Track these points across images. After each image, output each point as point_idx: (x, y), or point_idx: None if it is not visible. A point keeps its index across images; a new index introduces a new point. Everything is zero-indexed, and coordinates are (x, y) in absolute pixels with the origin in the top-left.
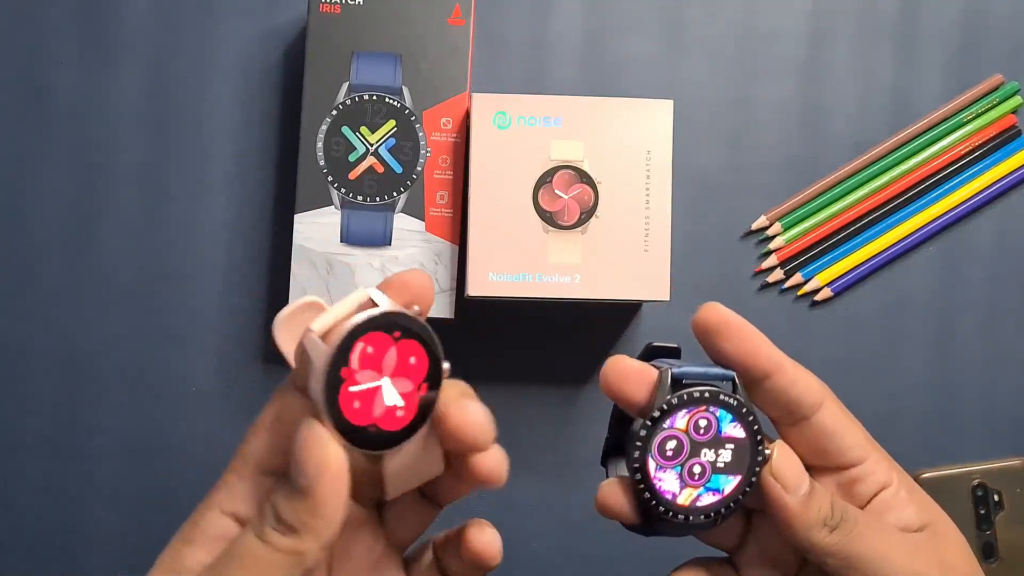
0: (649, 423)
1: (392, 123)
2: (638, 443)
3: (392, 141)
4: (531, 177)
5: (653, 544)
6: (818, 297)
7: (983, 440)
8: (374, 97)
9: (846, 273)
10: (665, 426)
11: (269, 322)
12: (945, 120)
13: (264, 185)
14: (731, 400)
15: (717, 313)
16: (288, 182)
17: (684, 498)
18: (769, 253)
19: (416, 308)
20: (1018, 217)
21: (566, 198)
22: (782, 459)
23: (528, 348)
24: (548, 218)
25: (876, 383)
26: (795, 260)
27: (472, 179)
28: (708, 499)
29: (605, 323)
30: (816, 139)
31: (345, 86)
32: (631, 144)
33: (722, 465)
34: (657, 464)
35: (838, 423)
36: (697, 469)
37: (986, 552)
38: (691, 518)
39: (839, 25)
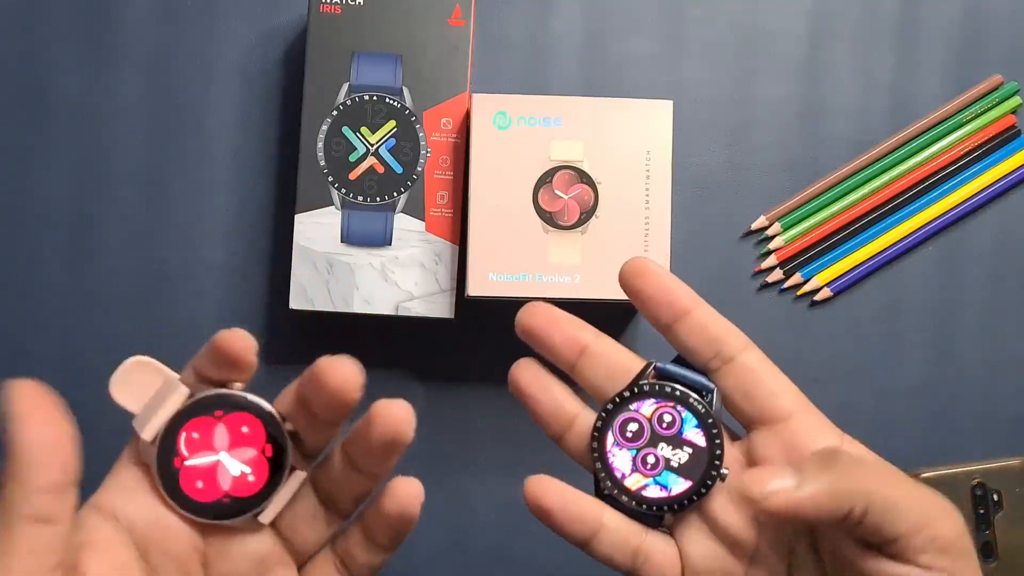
0: (617, 400)
1: (392, 123)
2: (603, 414)
3: (392, 141)
4: (531, 177)
5: None
6: (818, 297)
7: (982, 440)
8: (374, 97)
9: (845, 273)
10: (631, 408)
11: (271, 323)
12: (945, 120)
13: (264, 185)
14: (700, 407)
15: (638, 262)
16: (288, 182)
17: (632, 482)
18: (769, 253)
19: (238, 385)
20: (1018, 217)
21: (566, 198)
22: (752, 473)
23: (528, 348)
24: (548, 218)
25: (875, 383)
26: (794, 260)
27: (472, 179)
28: (654, 492)
29: (605, 323)
30: (816, 139)
31: (345, 86)
32: (631, 144)
33: (676, 465)
34: (614, 440)
35: (765, 368)
36: (651, 459)
37: (985, 552)
38: (634, 504)
39: (839, 25)
